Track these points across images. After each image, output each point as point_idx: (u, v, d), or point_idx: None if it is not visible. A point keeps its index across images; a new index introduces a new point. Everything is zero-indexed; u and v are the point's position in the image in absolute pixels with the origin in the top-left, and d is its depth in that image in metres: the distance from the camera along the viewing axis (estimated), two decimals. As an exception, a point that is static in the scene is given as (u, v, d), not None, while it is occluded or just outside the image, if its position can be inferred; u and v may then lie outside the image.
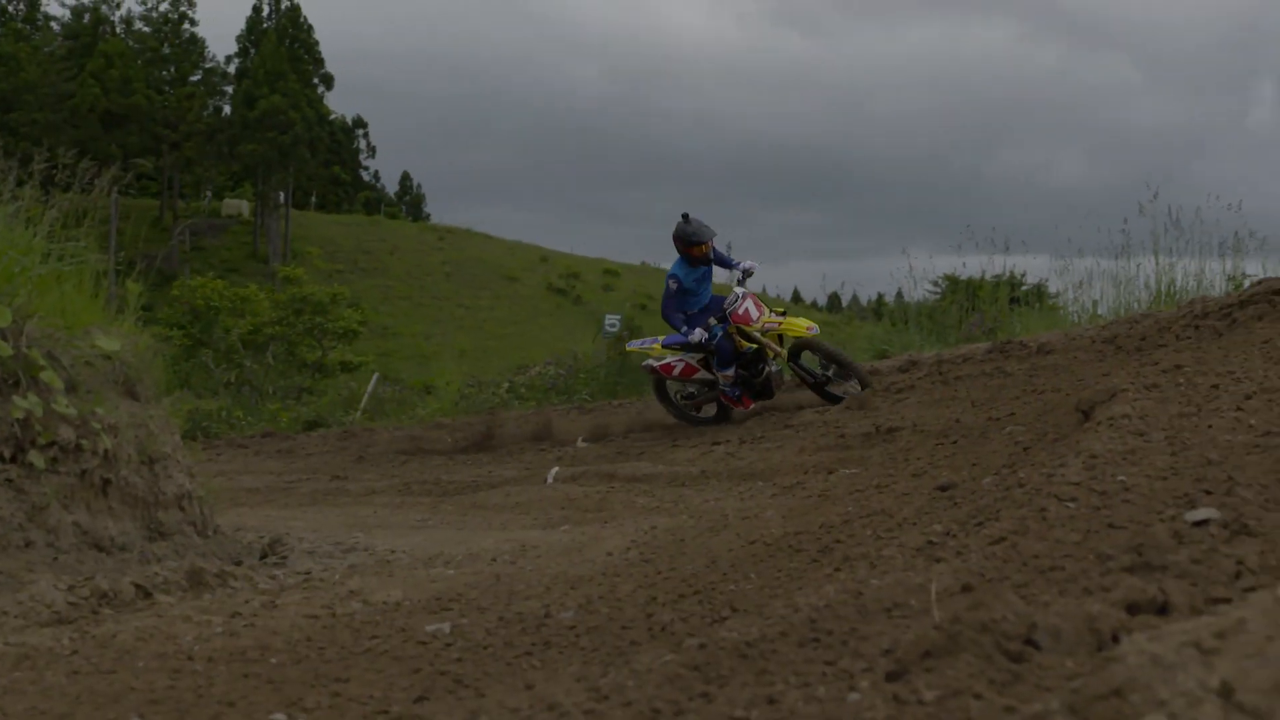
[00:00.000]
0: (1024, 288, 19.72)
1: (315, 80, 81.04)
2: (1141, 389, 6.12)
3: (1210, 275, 14.86)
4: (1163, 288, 14.93)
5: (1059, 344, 11.31)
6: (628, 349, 12.14)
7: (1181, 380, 6.22)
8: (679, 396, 12.02)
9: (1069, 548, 3.44)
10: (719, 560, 5.21)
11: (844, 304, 40.94)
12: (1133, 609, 2.58)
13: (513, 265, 77.78)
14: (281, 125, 72.81)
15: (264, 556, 6.77)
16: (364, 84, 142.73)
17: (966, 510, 4.74)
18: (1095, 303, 15.98)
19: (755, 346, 11.27)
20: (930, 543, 4.17)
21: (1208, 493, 3.69)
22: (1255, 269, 14.55)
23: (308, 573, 6.26)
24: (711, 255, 11.65)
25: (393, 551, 6.93)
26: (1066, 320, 15.52)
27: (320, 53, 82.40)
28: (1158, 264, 15.22)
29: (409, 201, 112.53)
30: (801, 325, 11.26)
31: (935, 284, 20.46)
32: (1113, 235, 20.07)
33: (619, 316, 21.41)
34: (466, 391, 19.81)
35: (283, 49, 76.69)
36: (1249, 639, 1.92)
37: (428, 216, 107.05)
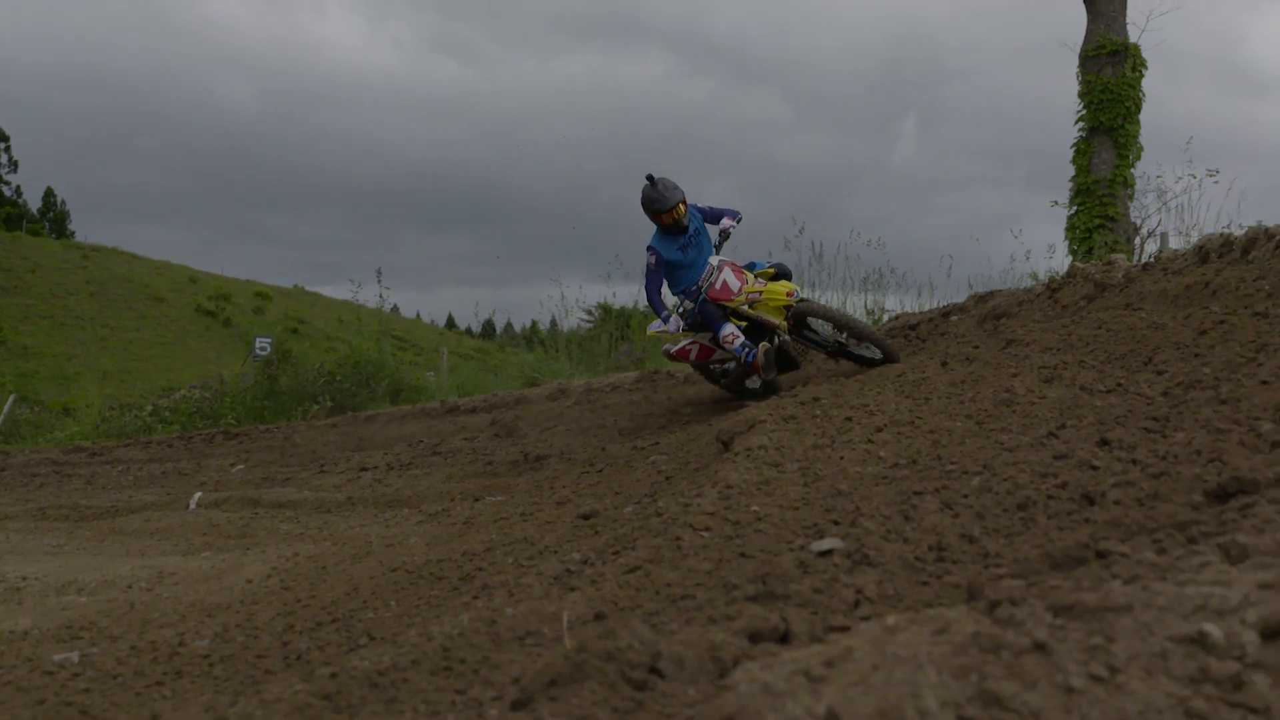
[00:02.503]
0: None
1: (-48, 89, 75.58)
2: (779, 420, 6.32)
3: (852, 310, 15.00)
4: (805, 322, 15.09)
5: (705, 374, 11.57)
6: (649, 332, 10.70)
7: (818, 412, 6.43)
8: (718, 371, 10.50)
9: (700, 576, 3.52)
10: (360, 588, 5.15)
11: (498, 331, 40.88)
12: (755, 637, 2.66)
13: (160, 285, 74.03)
14: (-87, 135, 67.56)
15: (-121, 587, 6.31)
16: (5, 96, 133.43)
17: (606, 539, 4.75)
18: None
19: (745, 324, 9.58)
20: (568, 571, 4.18)
21: (835, 523, 3.87)
22: (894, 304, 15.16)
23: (-72, 604, 5.87)
24: (689, 220, 9.68)
25: (24, 578, 6.58)
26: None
27: (-41, 61, 76.99)
28: (801, 298, 15.36)
29: (52, 218, 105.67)
30: (780, 292, 9.47)
31: (590, 313, 20.51)
32: (759, 269, 20.47)
33: (269, 339, 20.82)
34: (107, 414, 18.89)
35: (-84, 55, 71.25)
36: (856, 667, 2.00)
37: (72, 234, 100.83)
